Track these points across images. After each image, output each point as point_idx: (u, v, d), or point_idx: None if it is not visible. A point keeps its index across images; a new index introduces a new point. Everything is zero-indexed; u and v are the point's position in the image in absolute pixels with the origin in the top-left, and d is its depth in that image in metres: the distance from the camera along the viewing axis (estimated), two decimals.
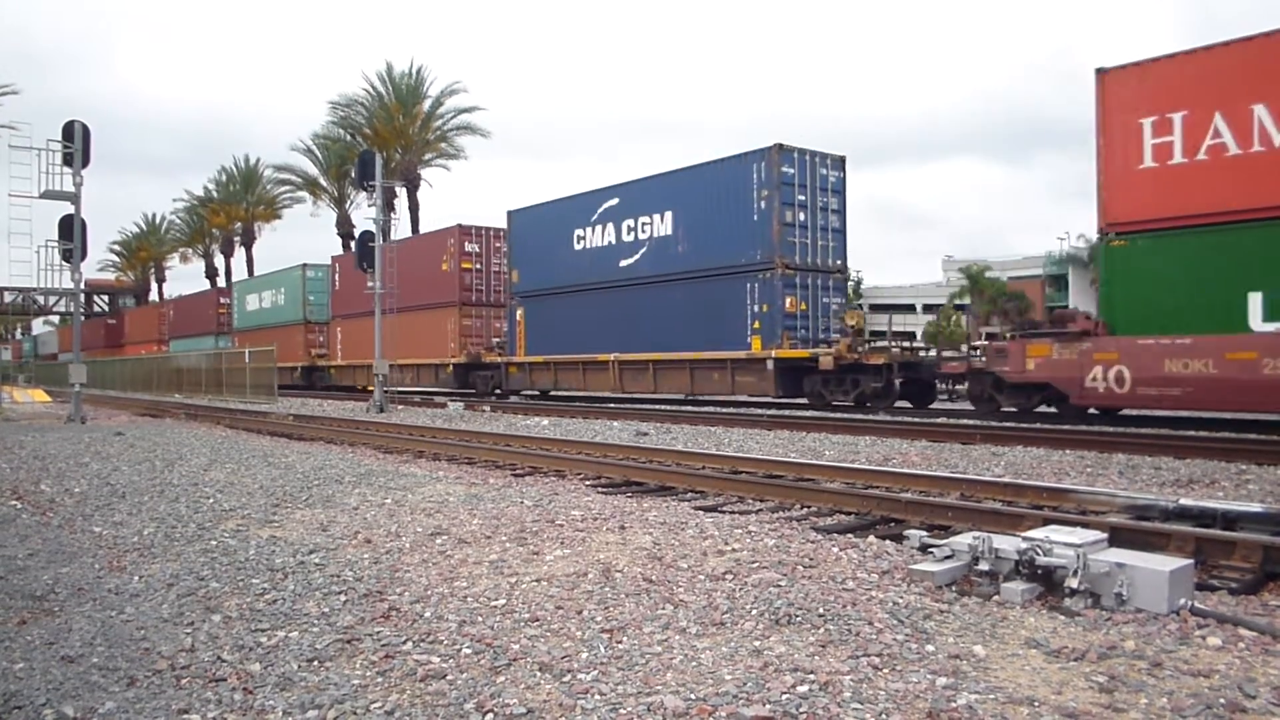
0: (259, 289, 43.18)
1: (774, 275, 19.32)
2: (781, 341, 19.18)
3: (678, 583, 4.75)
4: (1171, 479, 8.65)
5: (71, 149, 18.75)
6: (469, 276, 28.69)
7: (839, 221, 20.52)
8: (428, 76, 45.37)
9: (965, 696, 3.17)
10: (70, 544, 6.42)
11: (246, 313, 43.58)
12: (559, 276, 24.85)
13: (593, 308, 23.77)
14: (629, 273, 22.81)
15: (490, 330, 28.56)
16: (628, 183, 23.05)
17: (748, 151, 19.79)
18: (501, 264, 28.08)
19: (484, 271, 28.81)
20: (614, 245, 23.18)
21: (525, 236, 26.23)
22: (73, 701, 3.38)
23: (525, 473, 10.39)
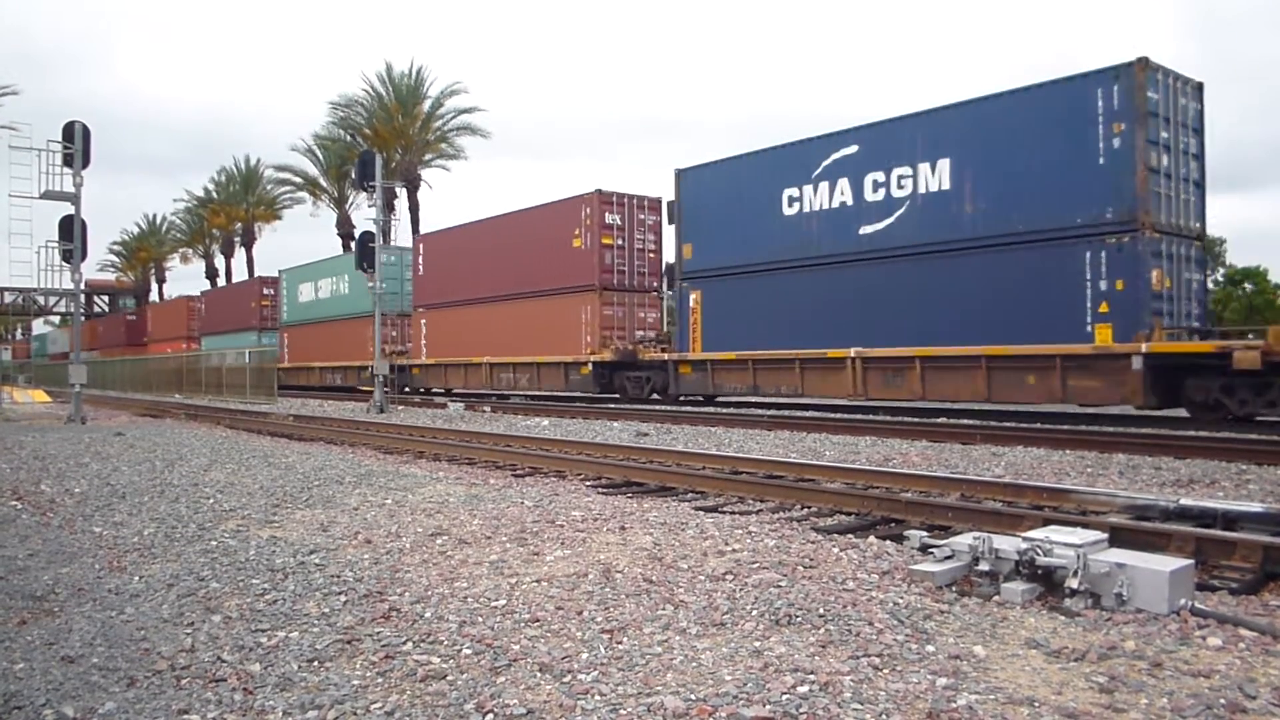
0: (314, 277, 37.52)
1: (1137, 240, 13.72)
2: (1153, 331, 13.74)
3: (678, 583, 4.75)
4: (1172, 479, 8.65)
5: (71, 149, 18.76)
6: (610, 255, 22.93)
7: (1199, 170, 15.03)
8: (428, 77, 45.53)
9: (965, 697, 3.17)
10: (70, 544, 6.42)
11: (298, 305, 38.24)
12: (756, 250, 19.02)
13: (814, 289, 17.98)
14: (876, 242, 16.92)
15: (634, 321, 23.43)
16: (871, 125, 17.28)
17: (1088, 72, 14.39)
18: (646, 239, 23.33)
19: (626, 249, 23.24)
20: (849, 207, 17.32)
21: (703, 201, 20.32)
22: (73, 702, 3.38)
23: (525, 473, 10.38)
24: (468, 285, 27.24)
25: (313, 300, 37.23)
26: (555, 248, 23.83)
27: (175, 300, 58.39)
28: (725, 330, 19.78)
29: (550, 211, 24.44)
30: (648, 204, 23.34)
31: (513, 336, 24.93)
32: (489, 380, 26.47)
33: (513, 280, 24.93)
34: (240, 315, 43.87)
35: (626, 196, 23.23)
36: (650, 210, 23.38)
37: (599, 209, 22.92)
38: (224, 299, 48.15)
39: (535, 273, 24.32)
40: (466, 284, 27.36)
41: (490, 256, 26.41)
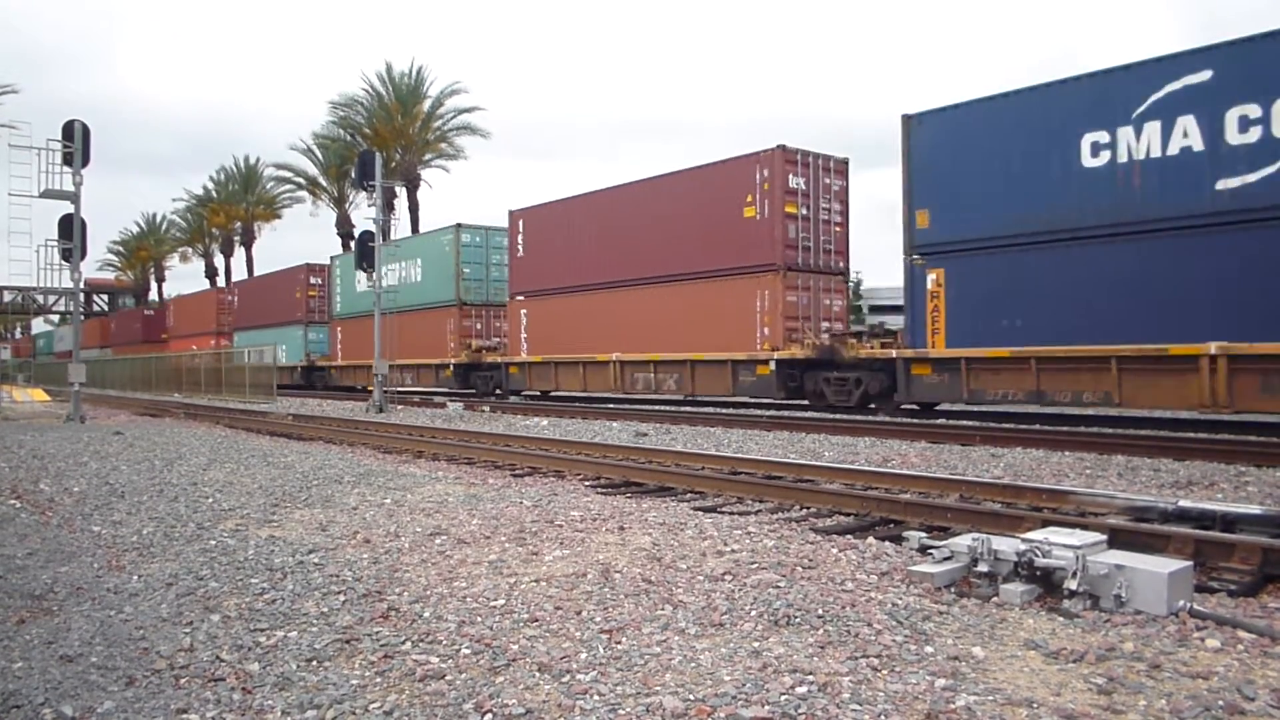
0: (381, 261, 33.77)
1: None
2: None
3: (677, 583, 4.75)
4: (1171, 481, 8.65)
5: (71, 148, 18.75)
6: (794, 227, 18.44)
7: None
8: (428, 76, 45.43)
9: (964, 698, 3.17)
10: (69, 543, 6.42)
11: (355, 295, 32.51)
12: (1035, 215, 14.34)
13: (1139, 263, 13.36)
14: (1245, 199, 12.27)
15: (820, 309, 18.96)
16: (1231, 43, 12.59)
17: None
18: (833, 209, 19.10)
19: (811, 220, 18.74)
20: (1199, 153, 12.66)
21: (947, 154, 15.58)
22: (71, 701, 3.38)
23: (524, 473, 10.38)
24: (587, 268, 22.67)
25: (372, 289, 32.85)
26: (717, 219, 19.25)
27: (203, 293, 53.28)
28: (984, 319, 15.04)
29: (710, 175, 19.73)
30: (834, 165, 19.01)
31: (652, 329, 20.37)
32: (618, 382, 21.60)
33: (654, 260, 20.41)
34: (282, 307, 38.76)
35: (812, 155, 18.76)
36: (837, 173, 19.17)
37: (781, 170, 18.19)
38: (261, 290, 42.34)
39: (687, 251, 19.81)
40: (585, 266, 22.76)
41: (620, 233, 21.77)
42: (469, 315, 27.82)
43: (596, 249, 22.65)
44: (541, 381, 24.66)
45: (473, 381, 27.69)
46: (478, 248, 27.83)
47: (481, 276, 27.97)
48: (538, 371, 24.65)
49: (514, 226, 25.49)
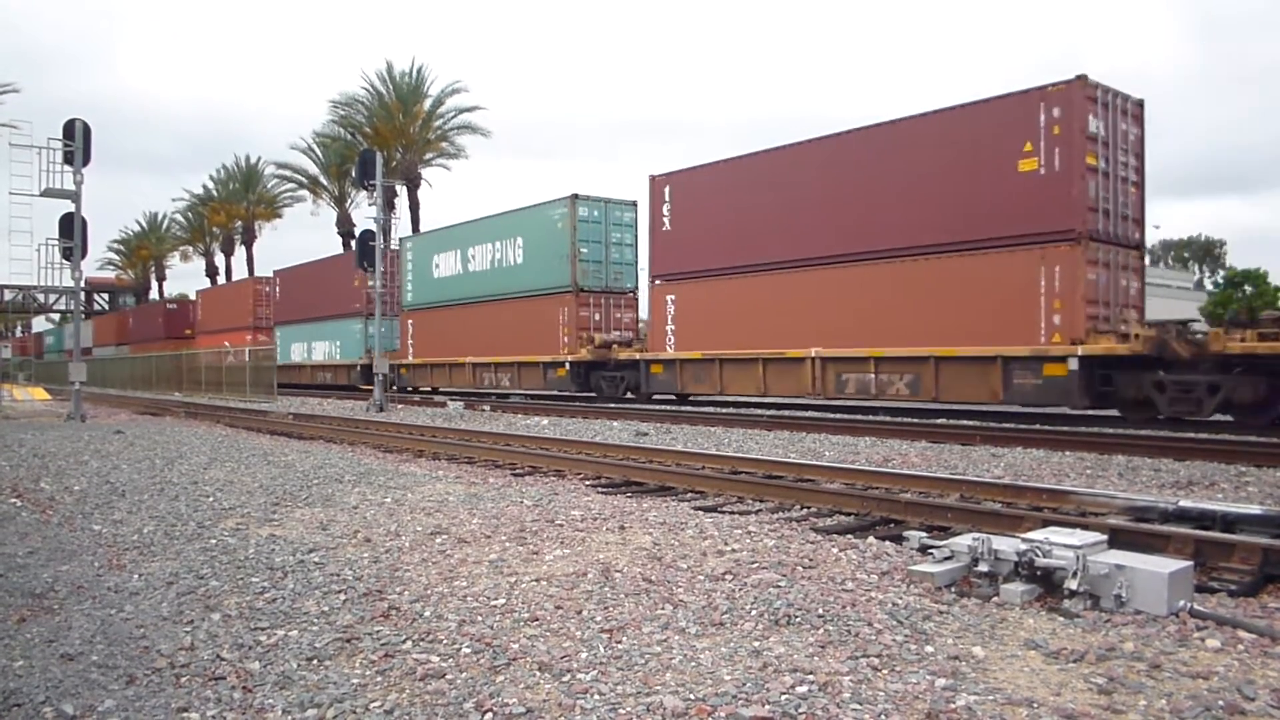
0: (465, 242, 26.64)
1: None
2: None
3: (677, 583, 4.76)
4: (1171, 481, 8.65)
5: (72, 147, 18.76)
6: (1093, 184, 14.02)
7: None
8: (428, 76, 45.31)
9: (964, 697, 3.18)
10: (70, 542, 6.42)
11: (431, 281, 28.15)
12: None
13: None
14: None
15: (1118, 292, 14.47)
16: None
17: None
18: (1129, 163, 14.84)
19: (1110, 176, 14.35)
20: None
21: None
22: (72, 699, 3.38)
23: (525, 472, 10.39)
24: (766, 242, 18.28)
25: (458, 274, 26.83)
26: (975, 176, 15.02)
27: (238, 283, 48.31)
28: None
29: (962, 119, 15.31)
30: (1130, 108, 14.85)
31: (867, 318, 16.40)
32: (817, 385, 17.33)
33: (872, 231, 16.32)
34: (334, 298, 33.28)
35: (1111, 94, 14.45)
36: (1134, 119, 14.94)
37: (1080, 109, 13.85)
38: (309, 278, 36.45)
39: (924, 218, 15.60)
40: (763, 240, 18.34)
41: (818, 198, 17.30)
42: (586, 304, 23.03)
43: (781, 218, 18.03)
44: (699, 383, 20.05)
45: (595, 383, 23.04)
46: (595, 224, 23.37)
47: (600, 258, 23.38)
48: (694, 371, 20.03)
49: (657, 194, 20.66)
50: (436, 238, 29.00)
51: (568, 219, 23.13)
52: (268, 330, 40.33)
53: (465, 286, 26.79)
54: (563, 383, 23.30)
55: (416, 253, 29.51)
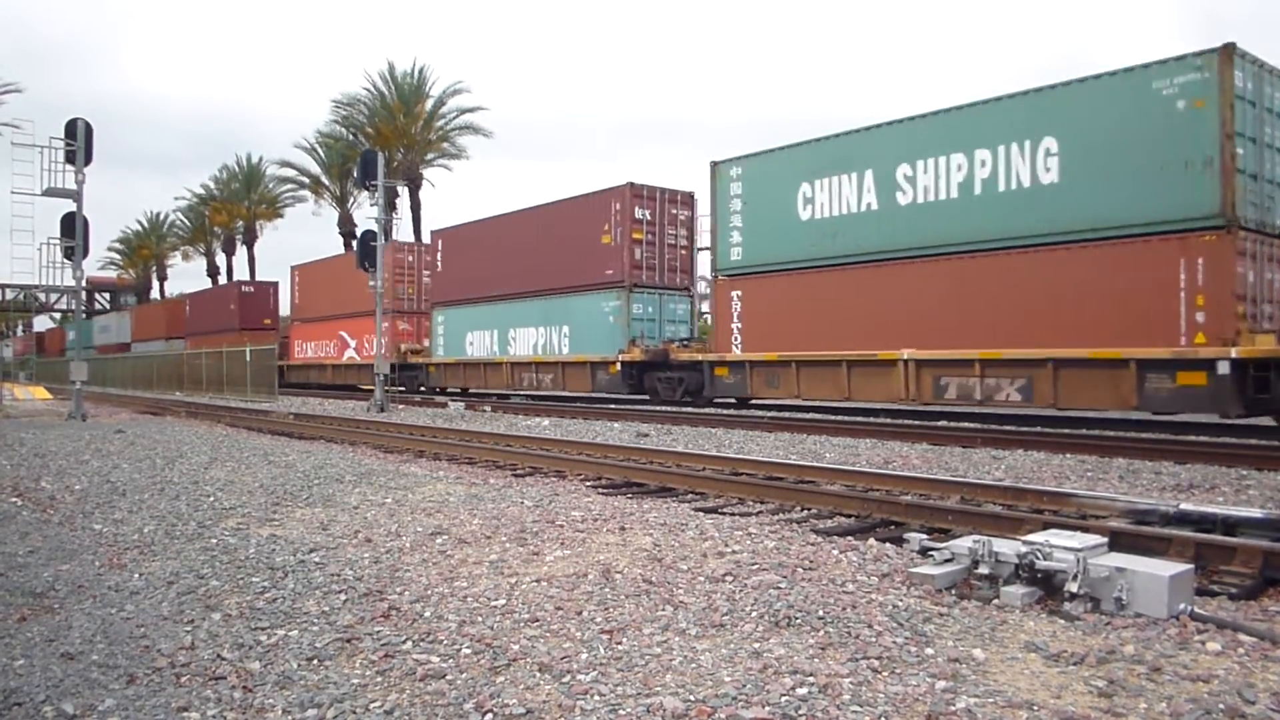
0: (835, 167, 17.08)
1: None
2: None
3: (678, 584, 4.76)
4: (1172, 484, 8.64)
5: (74, 147, 18.77)
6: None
7: None
8: (430, 76, 45.48)
9: (964, 700, 3.17)
10: (70, 541, 6.43)
11: (795, 225, 17.69)
12: None
13: None
14: None
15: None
16: None
17: None
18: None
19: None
20: None
21: None
22: (72, 699, 3.39)
23: (526, 473, 10.39)
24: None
25: (839, 217, 16.95)
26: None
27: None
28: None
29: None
30: None
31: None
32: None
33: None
34: (558, 264, 23.71)
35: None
36: None
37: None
38: (502, 237, 25.93)
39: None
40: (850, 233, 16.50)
41: None
42: None
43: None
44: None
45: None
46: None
47: None
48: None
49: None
50: (779, 159, 18.07)
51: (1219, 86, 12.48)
52: (412, 315, 31.51)
53: (851, 234, 16.91)
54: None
55: (747, 182, 18.70)
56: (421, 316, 31.65)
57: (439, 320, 29.22)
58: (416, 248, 32.99)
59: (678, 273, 23.10)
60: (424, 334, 31.38)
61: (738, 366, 19.08)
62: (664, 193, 22.63)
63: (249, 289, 44.68)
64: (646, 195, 22.37)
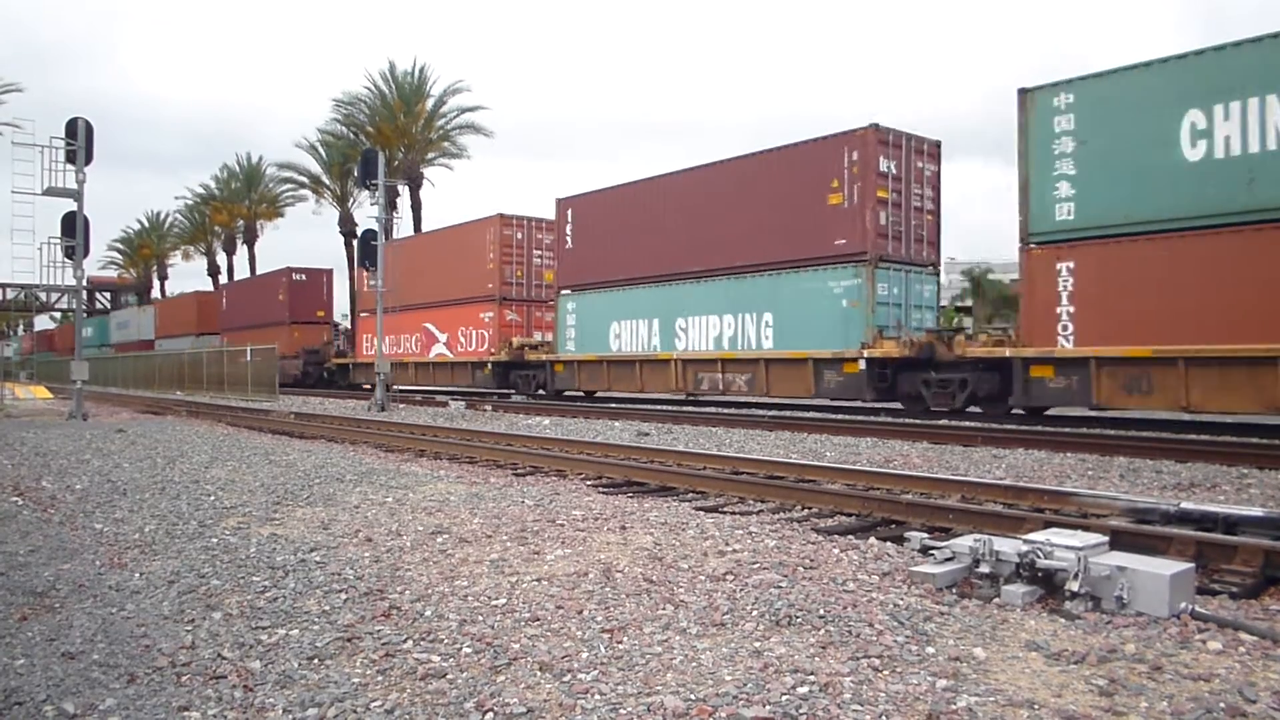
0: None
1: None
2: None
3: (678, 583, 4.75)
4: (1173, 482, 8.64)
5: (74, 146, 18.76)
6: None
7: None
8: (431, 75, 45.27)
9: (965, 699, 3.17)
10: (71, 541, 6.43)
11: (1182, 167, 12.54)
12: None
13: None
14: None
15: None
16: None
17: None
18: None
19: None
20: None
21: None
22: (73, 698, 3.39)
23: (526, 472, 10.39)
24: None
25: (1258, 155, 11.90)
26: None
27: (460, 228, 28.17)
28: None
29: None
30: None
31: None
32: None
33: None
34: (774, 234, 18.59)
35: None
36: None
37: None
38: (666, 198, 21.29)
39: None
40: None
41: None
42: None
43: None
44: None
45: None
46: None
47: None
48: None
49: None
50: (1196, 69, 12.70)
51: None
52: (521, 304, 26.71)
53: None
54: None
55: (1100, 107, 13.60)
56: (533, 305, 26.93)
57: (569, 308, 23.73)
58: (526, 223, 27.01)
59: (924, 244, 18.02)
60: (536, 325, 26.83)
61: (1071, 365, 13.85)
62: (910, 140, 17.74)
63: (300, 277, 38.98)
64: (893, 143, 17.38)
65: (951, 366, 15.88)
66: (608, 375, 22.57)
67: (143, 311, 58.52)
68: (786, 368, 18.32)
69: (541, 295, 26.76)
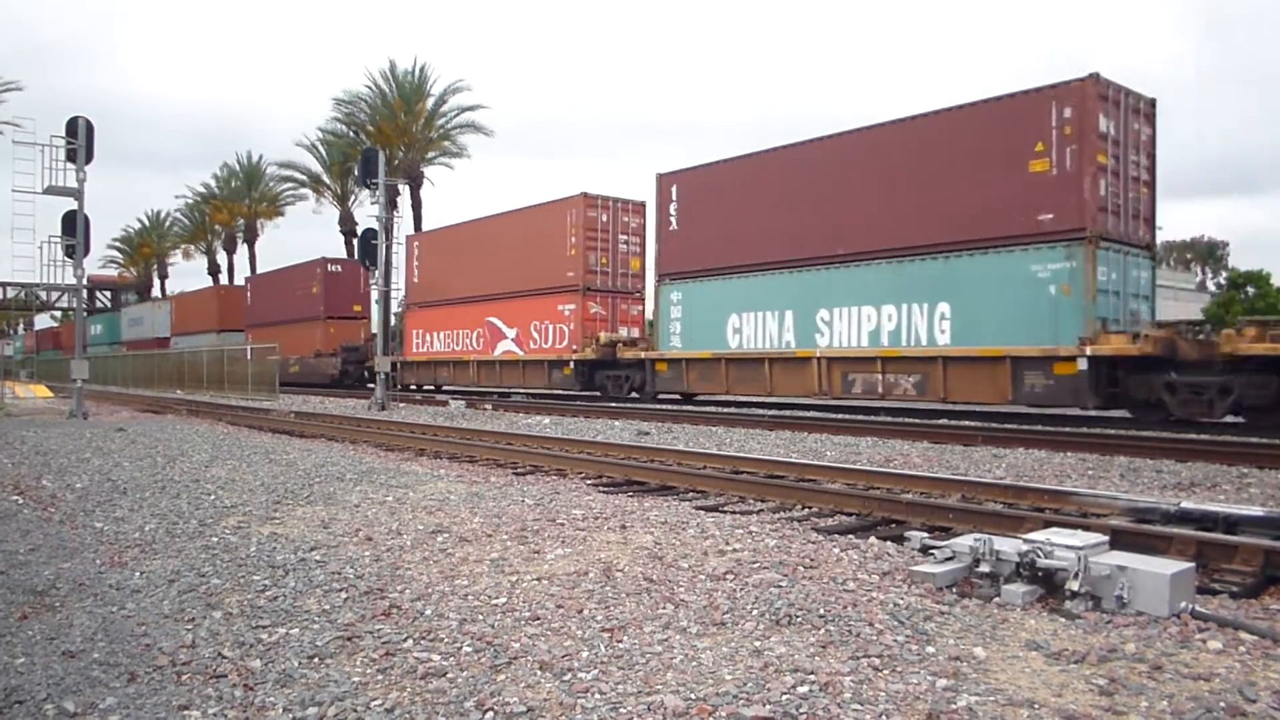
0: None
1: None
2: None
3: (678, 582, 4.75)
4: (1173, 482, 8.64)
5: (75, 145, 18.76)
6: None
7: None
8: (431, 74, 45.27)
9: (965, 698, 3.17)
10: (71, 539, 6.43)
11: None
12: None
13: None
14: None
15: None
16: None
17: None
18: None
19: None
20: None
21: None
22: (73, 697, 3.39)
23: (526, 471, 10.39)
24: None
25: None
26: None
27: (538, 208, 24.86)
28: None
29: None
30: None
31: None
32: None
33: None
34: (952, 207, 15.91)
35: None
36: None
37: None
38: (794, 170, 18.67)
39: None
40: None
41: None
42: None
43: None
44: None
45: None
46: None
47: None
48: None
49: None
50: None
51: None
52: (606, 295, 23.68)
53: None
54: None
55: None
56: (618, 297, 23.99)
57: (673, 299, 20.92)
58: (611, 204, 23.80)
59: (1140, 221, 15.34)
60: (622, 319, 24.04)
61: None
62: (1127, 96, 14.94)
63: (336, 268, 35.48)
64: (1111, 98, 14.59)
65: (1200, 367, 13.05)
66: (726, 376, 19.67)
67: (157, 307, 55.18)
68: (971, 368, 15.36)
69: (627, 286, 24.03)
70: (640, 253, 23.72)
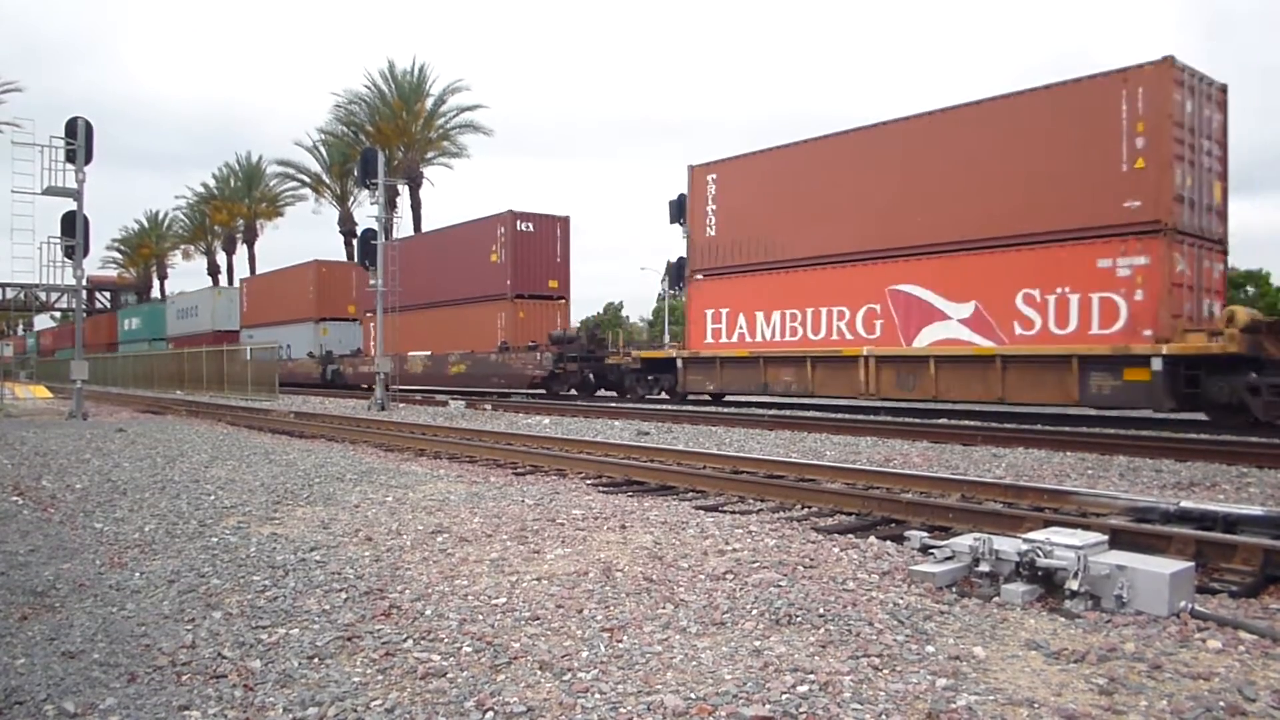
0: None
1: None
2: None
3: (678, 582, 4.76)
4: (1173, 481, 8.64)
5: (74, 145, 18.76)
6: None
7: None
8: (430, 74, 45.33)
9: (965, 698, 3.17)
10: (71, 540, 6.43)
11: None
12: None
13: None
14: None
15: None
16: None
17: None
18: None
19: None
20: None
21: None
22: (73, 697, 3.39)
23: (526, 471, 10.39)
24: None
25: None
26: None
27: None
28: None
29: None
30: None
31: None
32: None
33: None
34: None
35: None
36: None
37: None
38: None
39: None
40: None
41: None
42: None
43: None
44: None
45: None
46: None
47: None
48: None
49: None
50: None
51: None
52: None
53: None
54: None
55: None
56: None
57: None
58: None
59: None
60: None
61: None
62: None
63: (527, 226, 25.91)
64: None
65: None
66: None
67: (218, 293, 45.48)
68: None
69: None
70: None
